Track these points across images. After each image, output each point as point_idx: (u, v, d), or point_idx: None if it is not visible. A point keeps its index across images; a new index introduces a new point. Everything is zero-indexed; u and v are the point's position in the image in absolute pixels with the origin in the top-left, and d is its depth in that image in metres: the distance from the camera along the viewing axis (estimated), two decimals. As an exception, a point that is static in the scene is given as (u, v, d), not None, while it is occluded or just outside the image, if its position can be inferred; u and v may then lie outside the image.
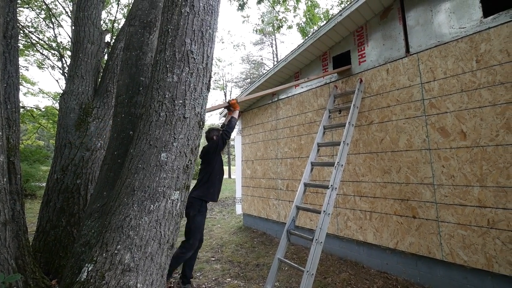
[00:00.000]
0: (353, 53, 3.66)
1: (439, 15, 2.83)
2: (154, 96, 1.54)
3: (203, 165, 2.91)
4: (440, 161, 2.69)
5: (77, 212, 2.83)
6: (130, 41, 2.17)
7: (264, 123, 5.22)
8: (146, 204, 1.43)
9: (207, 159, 2.86)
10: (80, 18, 3.19)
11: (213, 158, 2.83)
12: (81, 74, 3.10)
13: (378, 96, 3.29)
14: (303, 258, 3.59)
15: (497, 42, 2.40)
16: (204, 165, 2.89)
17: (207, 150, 2.90)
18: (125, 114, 2.04)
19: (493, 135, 2.38)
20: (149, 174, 1.46)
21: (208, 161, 2.85)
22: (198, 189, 2.74)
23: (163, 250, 1.49)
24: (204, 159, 2.90)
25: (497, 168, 2.34)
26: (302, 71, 4.49)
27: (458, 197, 2.55)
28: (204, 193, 2.72)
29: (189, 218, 2.65)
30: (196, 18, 1.60)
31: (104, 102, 3.20)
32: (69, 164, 2.89)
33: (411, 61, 3.02)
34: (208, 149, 2.90)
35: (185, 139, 1.56)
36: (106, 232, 1.40)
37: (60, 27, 10.64)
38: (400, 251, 2.95)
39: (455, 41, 2.67)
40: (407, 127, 2.98)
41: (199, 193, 2.70)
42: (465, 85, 2.57)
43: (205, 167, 2.86)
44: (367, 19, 3.50)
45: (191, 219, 2.64)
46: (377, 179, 3.20)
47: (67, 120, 2.98)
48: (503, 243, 2.27)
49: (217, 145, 2.83)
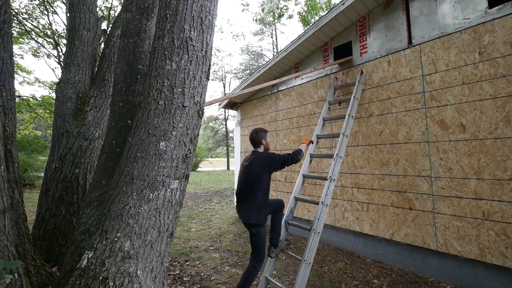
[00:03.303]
0: (355, 44, 3.61)
1: (444, 5, 2.77)
2: (153, 84, 1.51)
3: (250, 179, 2.22)
4: (439, 154, 2.70)
5: (76, 201, 2.84)
6: (127, 27, 2.12)
7: (263, 115, 5.19)
8: (145, 192, 1.43)
9: (258, 173, 2.20)
10: (75, 3, 3.10)
11: (266, 175, 2.22)
12: (77, 62, 3.04)
13: (378, 88, 3.26)
14: (300, 248, 3.65)
15: (501, 34, 2.36)
16: (253, 180, 2.21)
17: (264, 160, 2.25)
18: (123, 102, 2.01)
19: (492, 128, 2.38)
20: (148, 163, 1.45)
21: (259, 176, 2.19)
22: (261, 211, 2.18)
23: (162, 238, 1.50)
24: (254, 172, 2.22)
25: (495, 161, 2.35)
26: (302, 62, 4.43)
27: (454, 189, 2.57)
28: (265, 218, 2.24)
29: (258, 235, 2.23)
30: (195, 3, 1.55)
31: (102, 91, 3.15)
32: (67, 154, 2.88)
33: (413, 52, 2.97)
34: (265, 160, 2.24)
35: (184, 128, 1.55)
36: (105, 220, 1.41)
37: (55, 14, 10.34)
38: (395, 241, 3.01)
39: (459, 32, 2.62)
40: (406, 120, 2.97)
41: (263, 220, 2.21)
42: (466, 77, 2.55)
43: (256, 184, 2.19)
44: (370, 8, 3.43)
45: (258, 236, 2.23)
46: (375, 171, 3.22)
47: (64, 109, 2.94)
48: (497, 234, 2.31)
49: (274, 162, 2.25)
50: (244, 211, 2.20)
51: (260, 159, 2.27)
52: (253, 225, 2.17)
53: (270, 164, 2.24)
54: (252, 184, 2.19)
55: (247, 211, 2.17)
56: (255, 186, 2.18)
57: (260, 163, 2.23)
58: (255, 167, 2.22)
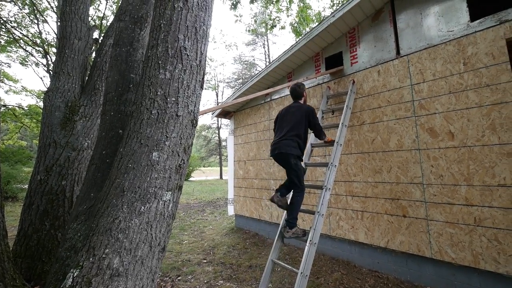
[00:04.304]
0: (345, 54, 3.71)
1: (428, 18, 2.90)
2: (146, 93, 1.49)
3: (290, 121, 2.52)
4: (429, 161, 2.75)
5: (62, 214, 2.71)
6: (120, 36, 2.10)
7: (256, 123, 5.20)
8: (137, 205, 1.38)
9: (301, 119, 2.52)
10: (66, 12, 3.07)
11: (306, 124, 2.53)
12: (67, 71, 2.98)
13: (369, 97, 3.33)
14: (295, 258, 3.58)
15: (483, 46, 2.48)
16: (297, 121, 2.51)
17: (307, 111, 2.55)
18: (114, 112, 1.96)
19: (479, 135, 2.45)
20: (139, 174, 1.40)
21: (302, 121, 2.51)
22: (301, 149, 2.48)
23: (154, 253, 1.43)
24: (298, 116, 2.53)
25: (483, 168, 2.41)
26: (295, 71, 4.50)
27: (446, 196, 2.61)
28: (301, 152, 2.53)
29: (293, 166, 2.45)
30: (189, 13, 1.56)
31: (92, 100, 3.09)
32: (53, 165, 2.77)
33: (401, 63, 3.08)
34: (308, 112, 2.55)
35: (178, 138, 1.51)
36: (93, 236, 1.33)
37: (45, 23, 10.22)
38: (390, 249, 3.00)
39: (444, 44, 2.74)
40: (397, 128, 3.03)
41: (299, 153, 2.49)
42: (453, 86, 2.65)
43: (299, 126, 2.49)
44: (359, 21, 3.55)
45: (295, 166, 2.45)
46: (368, 179, 3.24)
47: (52, 118, 2.85)
48: (489, 240, 2.34)
49: (315, 118, 2.58)
50: (284, 145, 2.42)
51: (305, 108, 2.60)
52: (293, 156, 2.41)
53: (312, 116, 2.57)
54: (296, 125, 2.49)
55: (288, 146, 2.41)
56: (297, 127, 2.48)
57: (304, 112, 2.56)
58: (301, 113, 2.55)
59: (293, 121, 2.51)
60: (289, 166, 2.44)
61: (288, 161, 2.41)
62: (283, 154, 2.42)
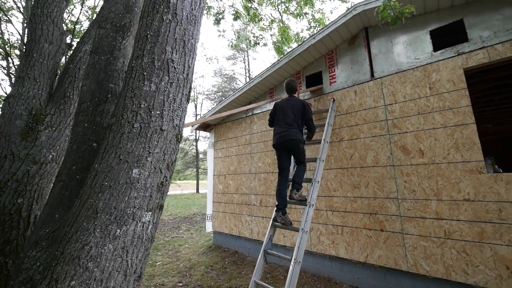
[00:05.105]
0: (325, 74, 3.90)
1: (398, 46, 3.20)
2: (128, 105, 1.39)
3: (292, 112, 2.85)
4: (403, 177, 2.92)
5: (15, 238, 2.35)
6: (100, 44, 1.98)
7: (238, 137, 5.16)
8: (112, 228, 1.23)
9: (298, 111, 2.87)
10: (37, 14, 2.85)
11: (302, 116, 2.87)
12: (33, 76, 2.71)
13: (347, 115, 3.51)
14: (277, 277, 3.48)
15: (445, 73, 2.77)
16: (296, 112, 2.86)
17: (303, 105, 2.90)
18: (89, 123, 1.80)
19: (445, 153, 2.68)
20: (116, 193, 1.27)
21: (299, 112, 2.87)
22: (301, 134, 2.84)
23: (128, 282, 1.28)
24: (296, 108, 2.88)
25: (450, 183, 2.61)
26: (276, 87, 4.62)
27: (419, 210, 2.76)
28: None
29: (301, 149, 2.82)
30: (178, 26, 1.53)
31: (61, 108, 2.83)
32: (9, 180, 2.43)
33: (375, 84, 3.31)
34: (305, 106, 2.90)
35: (161, 154, 1.42)
36: (57, 265, 1.16)
37: (8, 23, 9.42)
38: (370, 264, 3.05)
39: (412, 70, 3.02)
40: (373, 145, 3.20)
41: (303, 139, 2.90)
42: (421, 108, 2.89)
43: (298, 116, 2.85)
44: (337, 44, 3.80)
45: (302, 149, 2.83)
46: (347, 193, 3.34)
47: (11, 127, 2.54)
48: (458, 252, 2.49)
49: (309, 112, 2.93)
50: (294, 133, 2.76)
51: (301, 102, 2.94)
52: (301, 142, 2.80)
53: (307, 111, 2.91)
54: (297, 115, 2.84)
55: (297, 133, 2.77)
56: (299, 117, 2.84)
57: (301, 105, 2.90)
58: (299, 105, 2.89)
59: (295, 112, 2.86)
60: (298, 150, 2.79)
61: (298, 146, 2.78)
62: (294, 140, 2.75)
